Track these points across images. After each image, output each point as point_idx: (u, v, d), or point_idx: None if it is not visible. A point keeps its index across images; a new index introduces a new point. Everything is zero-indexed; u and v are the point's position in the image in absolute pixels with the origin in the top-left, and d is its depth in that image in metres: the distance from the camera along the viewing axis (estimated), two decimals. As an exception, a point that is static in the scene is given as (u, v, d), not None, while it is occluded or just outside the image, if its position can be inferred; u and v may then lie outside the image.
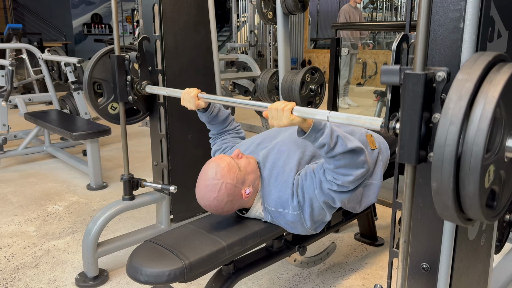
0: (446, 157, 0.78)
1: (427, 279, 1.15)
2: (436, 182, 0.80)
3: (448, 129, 0.77)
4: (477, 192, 0.77)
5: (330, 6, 13.13)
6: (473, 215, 0.83)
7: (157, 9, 2.03)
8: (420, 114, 0.86)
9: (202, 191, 1.44)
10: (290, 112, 1.23)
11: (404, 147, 0.89)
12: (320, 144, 1.30)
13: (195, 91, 1.62)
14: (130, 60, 1.92)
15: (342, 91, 5.70)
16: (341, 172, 1.36)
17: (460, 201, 0.81)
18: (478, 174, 0.76)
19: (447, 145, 0.77)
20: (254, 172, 1.51)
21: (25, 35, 9.21)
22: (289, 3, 2.12)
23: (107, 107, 2.07)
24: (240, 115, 5.74)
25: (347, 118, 1.12)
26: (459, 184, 0.79)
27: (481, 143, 0.75)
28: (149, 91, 1.97)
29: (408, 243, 0.97)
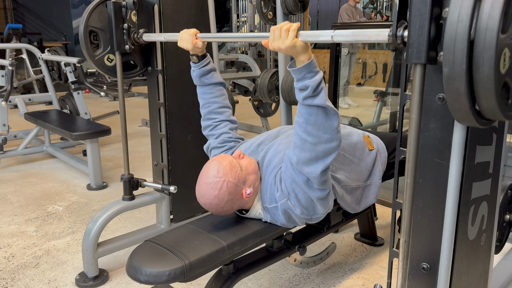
0: (459, 34, 0.71)
1: (427, 279, 1.15)
2: (448, 66, 0.74)
3: (461, 3, 0.71)
4: (492, 73, 0.71)
5: (330, 6, 13.12)
6: (487, 105, 0.75)
7: (157, 9, 2.03)
8: (430, 7, 0.80)
9: (203, 189, 1.43)
10: (295, 33, 1.17)
11: (413, 45, 0.83)
12: (304, 85, 1.24)
13: (194, 30, 1.57)
14: (127, 7, 1.87)
15: (342, 91, 5.70)
16: (308, 130, 1.30)
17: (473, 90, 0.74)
18: (493, 51, 0.69)
19: (460, 21, 0.71)
20: (255, 173, 1.51)
21: (25, 35, 9.22)
22: (289, 3, 2.13)
23: (103, 58, 2.01)
24: (240, 114, 5.74)
25: (353, 34, 1.06)
26: (472, 68, 0.73)
27: (496, 17, 0.68)
28: (146, 39, 1.92)
29: (408, 243, 0.97)
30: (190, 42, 1.57)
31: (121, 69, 1.93)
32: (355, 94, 6.00)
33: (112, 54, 2.02)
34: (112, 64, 2.04)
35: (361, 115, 5.22)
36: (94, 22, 1.97)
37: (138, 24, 1.93)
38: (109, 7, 1.87)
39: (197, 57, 1.65)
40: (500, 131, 1.16)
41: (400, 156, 1.20)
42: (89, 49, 1.98)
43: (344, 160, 1.65)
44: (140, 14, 1.95)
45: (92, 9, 1.96)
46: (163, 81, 2.10)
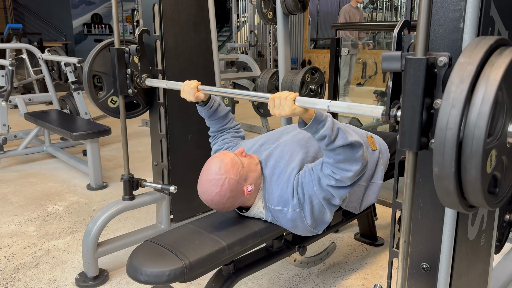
0: (448, 140, 0.76)
1: (427, 279, 1.15)
2: (438, 167, 0.79)
3: (450, 112, 0.76)
4: (479, 176, 0.76)
5: (330, 6, 13.12)
6: (475, 201, 0.81)
7: (157, 9, 2.03)
8: (421, 99, 0.84)
9: (204, 186, 1.44)
10: (293, 102, 1.23)
11: (405, 133, 0.88)
12: (321, 135, 1.29)
13: (195, 82, 1.60)
14: (130, 53, 1.91)
15: (342, 91, 5.70)
16: (341, 167, 1.36)
17: (462, 187, 0.79)
18: (480, 158, 0.75)
19: (449, 128, 0.76)
20: (256, 171, 1.52)
21: (25, 35, 9.21)
22: (289, 3, 2.13)
23: (107, 100, 2.06)
24: (240, 114, 5.74)
25: (348, 107, 1.10)
26: (461, 168, 0.77)
27: (483, 126, 0.73)
28: (149, 84, 1.96)
29: (408, 243, 0.97)
30: (192, 95, 1.60)
31: (124, 112, 1.97)
32: (355, 94, 6.00)
33: (115, 96, 2.07)
34: (115, 106, 2.09)
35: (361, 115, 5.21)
36: (98, 67, 2.02)
37: (141, 69, 1.97)
38: (112, 53, 1.90)
39: (202, 101, 1.68)
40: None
41: (400, 156, 1.20)
42: (93, 93, 2.03)
43: None
44: (143, 60, 1.98)
45: (95, 54, 2.01)
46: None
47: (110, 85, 2.04)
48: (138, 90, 2.02)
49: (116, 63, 1.89)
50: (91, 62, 2.00)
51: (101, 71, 2.03)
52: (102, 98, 2.05)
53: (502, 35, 1.04)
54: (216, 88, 1.57)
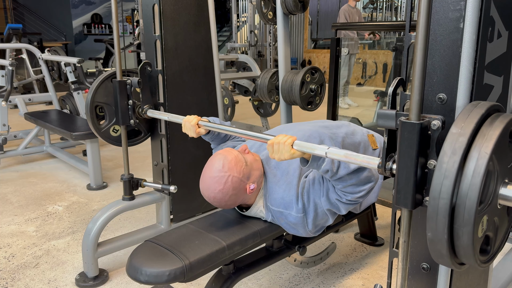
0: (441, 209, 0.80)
1: (427, 279, 1.15)
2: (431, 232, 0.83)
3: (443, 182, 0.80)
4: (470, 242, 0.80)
5: (330, 6, 13.12)
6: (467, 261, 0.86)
7: (157, 9, 2.03)
8: (415, 161, 0.89)
9: (207, 183, 1.44)
10: (291, 146, 1.25)
11: (401, 192, 0.92)
12: (323, 170, 1.31)
13: (195, 119, 1.62)
14: (132, 85, 1.94)
15: (342, 91, 5.70)
16: (350, 191, 1.38)
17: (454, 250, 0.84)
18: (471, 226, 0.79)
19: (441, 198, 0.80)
20: (259, 169, 1.52)
21: (25, 35, 9.20)
22: (289, 3, 2.13)
23: (109, 130, 2.09)
24: (240, 115, 5.74)
25: (345, 155, 1.13)
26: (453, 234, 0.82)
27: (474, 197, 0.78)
28: (150, 115, 1.99)
29: (408, 243, 0.97)
30: (193, 132, 1.63)
31: (126, 141, 2.00)
32: (355, 94, 6.00)
33: (117, 125, 2.08)
34: (117, 135, 2.12)
35: (361, 115, 5.22)
36: (100, 97, 2.04)
37: (143, 100, 1.99)
38: (114, 85, 1.92)
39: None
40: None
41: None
42: (95, 123, 2.06)
43: None
44: (145, 91, 2.00)
45: (98, 85, 2.02)
46: (163, 81, 2.10)
47: (112, 115, 2.07)
48: (139, 119, 2.05)
49: (118, 95, 1.92)
50: (94, 93, 2.02)
51: (103, 101, 2.06)
52: (104, 127, 2.08)
53: (502, 35, 1.04)
54: (216, 124, 1.59)
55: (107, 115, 2.08)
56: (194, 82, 2.23)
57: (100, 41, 9.46)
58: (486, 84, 1.02)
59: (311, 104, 2.30)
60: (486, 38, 0.98)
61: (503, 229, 0.95)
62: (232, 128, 1.53)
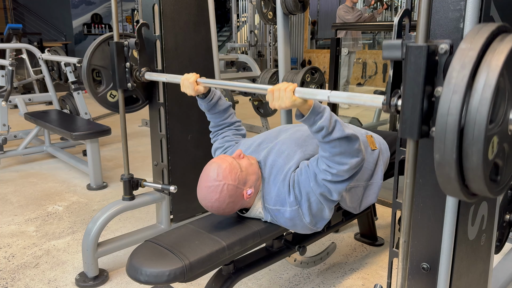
0: (449, 126, 0.76)
1: (427, 279, 1.15)
2: (439, 153, 0.78)
3: (451, 98, 0.75)
4: (480, 163, 0.75)
5: (330, 6, 13.12)
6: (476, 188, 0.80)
7: (157, 9, 2.03)
8: (422, 87, 0.84)
9: (203, 192, 1.44)
10: (292, 93, 1.22)
11: (406, 122, 0.87)
12: (318, 127, 1.28)
13: (194, 76, 1.59)
14: (129, 46, 1.89)
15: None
16: (337, 161, 1.35)
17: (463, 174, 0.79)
18: (481, 144, 0.74)
19: (450, 114, 0.75)
20: (255, 173, 1.51)
21: (25, 35, 9.21)
22: (289, 3, 2.12)
23: (106, 95, 2.04)
24: (240, 115, 5.73)
25: (348, 97, 1.09)
26: (462, 155, 0.77)
27: (484, 112, 0.73)
28: (148, 78, 1.95)
29: (408, 243, 0.97)
30: (192, 89, 1.59)
31: (123, 106, 1.97)
32: (355, 94, 6.00)
33: (114, 90, 2.06)
34: (114, 100, 2.08)
35: (361, 115, 5.21)
36: (97, 61, 2.01)
37: (140, 63, 1.97)
38: (111, 47, 1.89)
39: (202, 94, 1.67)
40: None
41: (400, 156, 1.20)
42: (92, 87, 2.02)
43: None
44: (142, 53, 1.97)
45: (94, 48, 1.99)
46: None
47: (109, 80, 2.03)
48: (137, 84, 2.00)
49: (115, 57, 1.88)
50: (90, 56, 1.98)
51: (100, 65, 2.01)
52: (101, 92, 2.03)
53: (502, 35, 1.04)
54: (215, 80, 1.55)
55: (104, 79, 2.03)
56: (194, 82, 2.23)
57: (100, 41, 9.44)
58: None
59: (311, 104, 2.29)
60: (486, 38, 0.98)
61: None
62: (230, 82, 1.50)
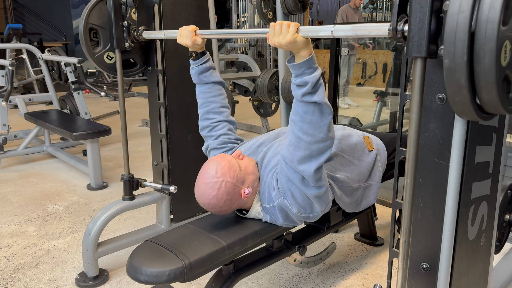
0: (460, 25, 0.71)
1: (427, 279, 1.15)
2: (449, 58, 0.73)
3: None
4: (493, 66, 0.70)
5: (330, 6, 13.13)
6: (487, 99, 0.74)
7: (157, 9, 2.03)
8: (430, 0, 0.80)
9: (201, 189, 1.44)
10: (296, 29, 1.17)
11: (414, 39, 0.83)
12: (303, 81, 1.23)
13: (193, 26, 1.57)
14: (127, 4, 1.87)
15: (342, 91, 5.70)
16: (303, 128, 1.30)
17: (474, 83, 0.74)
18: (494, 43, 0.69)
19: (461, 11, 0.70)
20: (254, 173, 1.51)
21: (25, 35, 9.21)
22: (289, 3, 2.13)
23: (103, 55, 2.01)
24: (240, 115, 5.74)
25: (353, 29, 1.06)
26: (473, 59, 0.72)
27: (497, 8, 0.68)
28: (146, 37, 1.92)
29: (408, 243, 0.97)
30: (189, 38, 1.56)
31: (121, 67, 1.93)
32: (355, 94, 6.00)
33: (112, 52, 2.02)
34: (112, 62, 2.03)
35: (361, 115, 5.21)
36: (94, 20, 1.96)
37: (138, 21, 1.93)
38: (108, 4, 1.86)
39: (196, 54, 1.64)
40: (500, 131, 1.16)
41: (400, 156, 1.20)
42: (89, 47, 1.98)
43: (344, 161, 1.65)
44: (140, 12, 1.94)
45: (92, 7, 1.95)
46: (163, 81, 2.10)
47: (107, 40, 2.00)
48: (135, 45, 1.97)
49: (113, 15, 1.84)
50: (87, 14, 1.94)
51: (97, 24, 1.97)
52: (98, 53, 2.00)
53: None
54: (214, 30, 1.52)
55: (101, 40, 2.00)
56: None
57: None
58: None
59: (311, 104, 2.29)
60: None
61: None
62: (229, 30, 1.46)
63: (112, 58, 2.03)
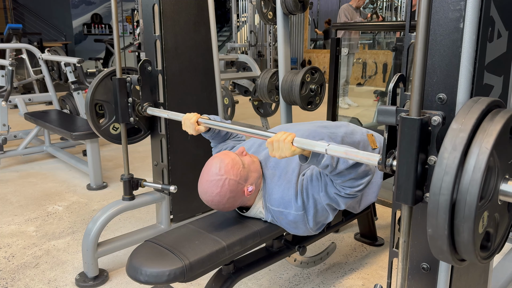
0: (441, 205, 0.80)
1: (427, 279, 1.15)
2: (432, 228, 0.83)
3: (443, 178, 0.80)
4: (471, 238, 0.80)
5: (330, 6, 13.14)
6: (467, 258, 0.86)
7: (157, 9, 2.03)
8: (416, 157, 0.89)
9: (205, 186, 1.44)
10: (291, 144, 1.25)
11: (401, 188, 0.92)
12: (323, 165, 1.30)
13: (195, 117, 1.62)
14: (131, 82, 1.94)
15: (342, 91, 5.70)
16: (348, 185, 1.37)
17: (455, 246, 0.84)
18: (472, 222, 0.79)
19: (442, 194, 0.80)
20: (257, 171, 1.52)
21: (25, 35, 9.20)
22: (289, 3, 2.12)
23: (108, 127, 2.09)
24: (240, 115, 5.74)
25: (345, 152, 1.13)
26: (453, 230, 0.82)
27: (474, 193, 0.77)
28: (150, 113, 1.99)
29: (408, 243, 0.97)
30: (193, 129, 1.63)
31: (125, 139, 2.01)
32: (355, 94, 6.00)
33: (117, 123, 2.09)
34: (117, 133, 2.12)
35: (361, 115, 5.22)
36: (100, 95, 2.04)
37: (142, 97, 1.99)
38: (114, 83, 1.92)
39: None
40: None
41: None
42: (95, 121, 2.06)
43: None
44: (144, 88, 2.00)
45: (97, 84, 2.03)
46: (163, 81, 2.10)
47: (112, 113, 2.07)
48: (139, 117, 2.05)
49: (118, 93, 1.92)
50: (93, 91, 2.02)
51: (102, 99, 2.06)
52: (104, 125, 2.08)
53: (502, 35, 1.04)
54: (216, 122, 1.59)
55: (106, 113, 2.08)
56: (194, 82, 2.23)
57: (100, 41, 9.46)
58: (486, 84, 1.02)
59: (311, 104, 2.30)
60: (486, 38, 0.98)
61: (504, 225, 0.95)
62: (232, 125, 1.52)
63: (118, 129, 2.11)
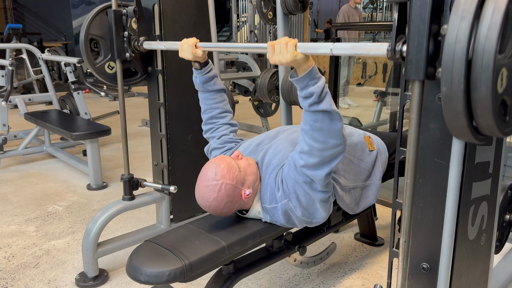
0: (457, 54, 0.72)
1: (427, 279, 1.15)
2: (446, 86, 0.75)
3: (459, 25, 0.72)
4: (489, 93, 0.72)
5: (330, 6, 13.14)
6: (484, 124, 0.76)
7: (157, 9, 2.03)
8: (428, 24, 0.81)
9: (201, 192, 1.44)
10: (294, 47, 1.19)
11: (412, 62, 0.84)
12: (309, 92, 1.25)
13: (194, 39, 1.58)
14: (127, 15, 1.87)
15: (342, 91, 5.70)
16: (315, 136, 1.31)
17: (471, 109, 0.75)
18: (490, 72, 0.70)
19: (458, 42, 0.72)
20: (254, 174, 1.51)
21: (25, 35, 9.21)
22: (289, 3, 2.12)
23: (104, 66, 2.02)
24: (240, 115, 5.74)
25: (352, 48, 1.07)
26: (470, 87, 0.73)
27: (494, 39, 0.70)
28: (146, 47, 1.93)
29: (408, 243, 0.97)
30: (190, 52, 1.58)
31: (121, 77, 1.95)
32: (355, 94, 6.00)
33: (112, 62, 2.03)
34: (112, 72, 2.05)
35: (361, 115, 5.22)
36: (95, 30, 1.98)
37: (139, 32, 1.94)
38: (109, 15, 1.87)
39: (199, 64, 1.66)
40: (500, 131, 1.16)
41: (400, 156, 1.20)
42: (90, 57, 1.99)
43: (344, 160, 1.65)
44: (141, 22, 1.95)
45: (92, 17, 1.97)
46: (163, 81, 2.10)
47: (108, 50, 2.01)
48: (135, 55, 1.98)
49: (114, 26, 1.85)
50: (88, 25, 1.95)
51: (98, 34, 1.98)
52: (99, 63, 2.01)
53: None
54: (214, 44, 1.54)
55: (102, 50, 2.01)
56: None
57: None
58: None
59: (311, 104, 2.29)
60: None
61: None
62: (229, 44, 1.48)
63: (113, 68, 2.04)
